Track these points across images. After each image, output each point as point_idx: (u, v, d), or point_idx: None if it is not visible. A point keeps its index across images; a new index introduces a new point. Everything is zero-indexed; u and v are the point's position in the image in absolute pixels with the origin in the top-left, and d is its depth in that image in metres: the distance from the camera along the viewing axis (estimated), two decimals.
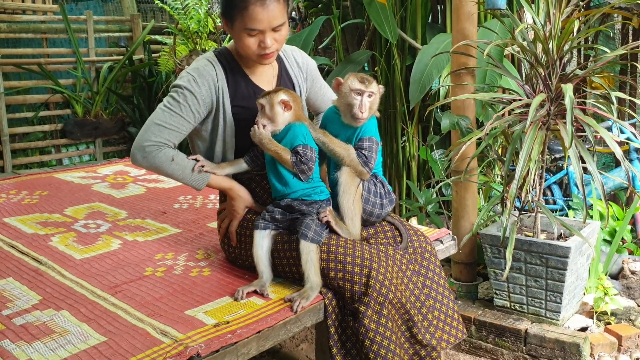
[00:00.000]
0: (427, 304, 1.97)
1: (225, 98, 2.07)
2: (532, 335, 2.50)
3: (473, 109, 2.78)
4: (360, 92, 1.94)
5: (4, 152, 5.18)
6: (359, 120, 1.96)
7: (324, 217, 1.92)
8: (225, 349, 1.58)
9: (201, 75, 2.03)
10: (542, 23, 2.25)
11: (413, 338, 1.87)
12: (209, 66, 2.05)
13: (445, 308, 2.02)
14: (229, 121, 2.08)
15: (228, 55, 2.13)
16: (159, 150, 1.99)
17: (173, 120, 2.00)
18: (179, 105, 2.00)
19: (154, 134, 1.99)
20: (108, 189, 3.46)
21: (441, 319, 2.00)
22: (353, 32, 4.66)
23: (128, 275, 2.09)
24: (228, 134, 2.09)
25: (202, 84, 2.02)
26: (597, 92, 2.26)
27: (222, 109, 2.07)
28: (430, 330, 1.93)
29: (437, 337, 1.94)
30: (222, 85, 2.06)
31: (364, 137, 2.00)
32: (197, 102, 2.01)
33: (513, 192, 2.17)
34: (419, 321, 1.89)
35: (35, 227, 2.68)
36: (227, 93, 2.07)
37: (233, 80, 2.09)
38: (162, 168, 2.01)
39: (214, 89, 2.05)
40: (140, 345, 1.58)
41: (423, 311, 1.94)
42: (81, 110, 5.55)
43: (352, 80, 1.96)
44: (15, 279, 2.10)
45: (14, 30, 5.30)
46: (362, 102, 1.94)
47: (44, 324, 1.74)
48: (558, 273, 2.46)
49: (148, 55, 5.82)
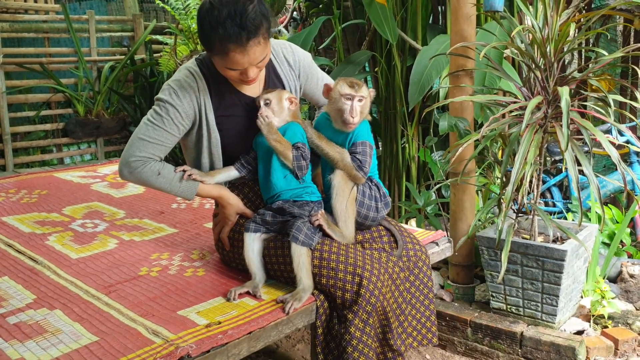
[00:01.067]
0: (407, 311, 1.99)
1: (208, 109, 2.05)
2: (528, 338, 2.49)
3: (471, 111, 2.78)
4: (351, 96, 1.93)
5: (5, 150, 5.20)
6: (350, 125, 1.95)
7: (315, 221, 1.92)
8: (216, 349, 1.58)
9: (182, 87, 2.01)
10: (539, 26, 2.24)
11: (385, 341, 1.90)
12: (189, 77, 2.03)
13: (420, 315, 2.05)
14: (214, 132, 2.06)
15: (210, 63, 2.07)
16: (144, 165, 1.99)
17: (156, 134, 1.99)
18: (161, 119, 1.99)
19: (139, 149, 1.99)
20: (107, 189, 3.46)
21: (414, 325, 2.03)
22: (354, 33, 4.66)
23: (123, 275, 2.09)
24: (213, 144, 2.08)
25: (184, 97, 2.00)
26: (595, 95, 2.25)
27: (205, 120, 2.05)
28: (402, 337, 1.96)
29: (406, 344, 1.98)
30: (204, 97, 2.04)
31: (356, 141, 2.00)
32: (179, 115, 2.00)
33: (508, 194, 2.16)
34: (395, 328, 1.91)
35: (33, 227, 2.69)
36: (210, 104, 2.05)
37: (216, 90, 2.07)
38: (149, 182, 2.02)
39: (196, 101, 2.03)
40: (131, 345, 1.59)
41: (401, 318, 1.96)
42: (83, 109, 5.56)
43: (342, 85, 1.96)
44: (10, 278, 2.10)
45: (16, 30, 5.31)
46: (352, 107, 1.93)
47: (37, 323, 1.74)
48: (554, 276, 2.45)
49: (150, 55, 5.83)
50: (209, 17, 1.85)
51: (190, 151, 2.13)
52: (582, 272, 2.67)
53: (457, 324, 2.71)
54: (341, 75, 3.80)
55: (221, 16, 1.82)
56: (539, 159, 2.45)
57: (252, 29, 1.83)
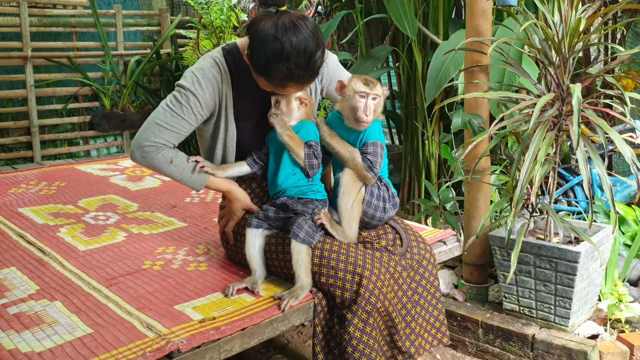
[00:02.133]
0: (413, 311, 1.95)
1: (229, 102, 2.03)
2: (539, 341, 2.43)
3: (486, 108, 2.71)
4: (365, 94, 1.90)
5: (33, 142, 5.30)
6: (363, 124, 1.92)
7: (317, 219, 1.89)
8: (207, 345, 1.57)
9: (205, 77, 1.98)
10: (554, 21, 2.17)
11: (393, 343, 1.86)
12: (214, 68, 2.00)
13: (428, 316, 2.00)
14: (231, 125, 2.05)
15: (237, 54, 2.05)
16: (158, 151, 1.97)
17: (174, 121, 1.96)
18: (180, 106, 1.96)
19: (154, 134, 1.96)
20: (125, 182, 3.50)
21: (423, 326, 1.98)
22: (377, 27, 4.61)
23: (126, 268, 2.11)
24: (229, 137, 2.07)
25: (206, 87, 1.97)
26: (612, 93, 2.18)
27: (224, 112, 2.04)
28: (411, 338, 1.92)
29: (416, 345, 1.93)
30: (226, 90, 2.02)
31: (368, 141, 1.97)
32: (199, 105, 1.98)
33: (517, 194, 2.10)
34: (402, 328, 1.87)
35: (47, 218, 2.73)
36: (231, 97, 2.03)
37: (239, 84, 2.04)
38: (160, 169, 2.00)
39: (217, 93, 2.00)
40: (124, 339, 1.59)
41: (407, 319, 1.92)
42: (109, 102, 5.64)
43: (356, 82, 1.92)
44: (18, 269, 2.14)
45: (44, 24, 5.40)
46: (366, 105, 1.90)
47: (35, 314, 1.76)
48: (567, 278, 2.38)
49: (175, 49, 5.87)
50: (272, 49, 1.81)
51: (205, 141, 2.12)
52: (598, 275, 2.60)
53: (468, 325, 2.66)
54: (361, 70, 3.77)
55: (287, 53, 1.80)
56: (554, 158, 2.38)
57: (315, 74, 1.89)
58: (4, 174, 3.69)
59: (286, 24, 1.81)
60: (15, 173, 3.75)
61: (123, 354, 1.51)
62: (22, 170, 3.86)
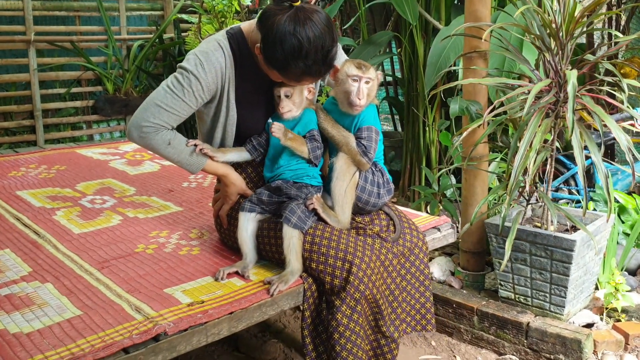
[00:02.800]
0: (400, 297, 1.95)
1: (231, 87, 2.01)
2: (534, 329, 2.42)
3: (485, 94, 2.69)
4: (358, 78, 1.89)
5: (36, 126, 5.31)
6: (357, 107, 1.91)
7: (310, 205, 1.89)
8: (194, 328, 1.58)
9: (209, 60, 1.95)
10: (552, 7, 2.15)
11: (377, 328, 1.87)
12: (218, 51, 1.97)
13: (414, 302, 2.01)
14: (232, 110, 2.04)
15: (241, 38, 2.02)
16: (157, 132, 1.94)
17: (174, 103, 1.94)
18: (182, 88, 1.93)
19: (153, 115, 1.93)
20: (124, 166, 3.50)
21: (407, 310, 1.99)
22: (381, 12, 4.57)
23: (119, 251, 2.11)
24: (230, 122, 2.05)
25: (209, 71, 1.95)
26: (610, 79, 2.15)
27: (226, 96, 2.02)
28: (396, 323, 1.92)
29: (400, 330, 1.94)
30: (229, 74, 2.00)
31: (362, 126, 1.96)
32: (201, 88, 1.95)
33: (512, 181, 2.09)
34: (387, 314, 1.87)
35: (44, 201, 2.73)
36: (234, 81, 2.02)
37: (242, 68, 2.02)
38: (157, 150, 1.98)
39: (220, 77, 1.98)
40: (112, 321, 1.60)
41: (394, 305, 1.92)
42: (112, 87, 5.63)
43: (349, 66, 1.91)
44: (12, 251, 2.15)
45: (47, 8, 5.39)
46: (359, 89, 1.89)
47: (26, 296, 1.77)
48: (563, 266, 2.37)
49: (178, 34, 5.85)
50: (290, 46, 1.80)
51: (204, 123, 2.11)
52: (595, 264, 2.58)
53: (464, 312, 2.66)
54: (361, 56, 3.74)
55: (305, 50, 1.80)
56: (551, 145, 2.36)
57: (330, 67, 1.90)
58: (6, 157, 3.70)
59: (302, 19, 1.79)
60: (16, 156, 3.76)
61: (110, 335, 1.52)
62: (24, 153, 3.87)
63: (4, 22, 5.27)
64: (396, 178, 4.47)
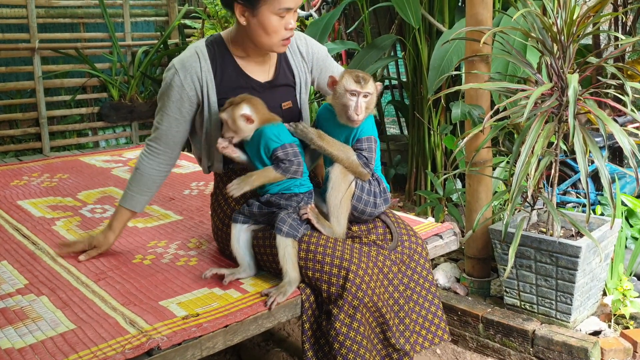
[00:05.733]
0: (406, 307, 1.90)
1: (211, 90, 2.01)
2: (540, 336, 2.38)
3: (487, 98, 2.65)
4: (356, 93, 1.84)
5: (42, 134, 5.32)
6: (355, 122, 1.87)
7: (304, 215, 1.86)
8: (188, 342, 1.55)
9: (184, 68, 1.98)
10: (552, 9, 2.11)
11: (387, 341, 1.81)
12: (193, 57, 2.00)
13: (425, 312, 1.95)
14: (215, 114, 2.02)
15: (220, 44, 2.04)
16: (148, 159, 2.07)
17: (162, 118, 2.03)
18: (164, 102, 2.02)
19: (150, 138, 2.08)
20: (126, 174, 3.49)
21: (419, 322, 1.93)
22: (385, 15, 4.54)
23: (116, 262, 2.09)
24: (213, 127, 2.03)
25: (185, 78, 1.98)
26: (614, 82, 2.11)
27: (207, 101, 2.02)
28: (406, 334, 1.87)
29: (411, 342, 1.88)
30: (206, 78, 2.00)
31: (362, 137, 1.92)
32: (179, 97, 2.00)
33: (514, 187, 2.05)
34: (394, 325, 1.82)
35: (45, 211, 2.72)
36: (213, 84, 2.01)
37: (221, 72, 2.02)
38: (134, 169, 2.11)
39: (197, 82, 1.99)
40: (105, 335, 1.57)
41: (400, 315, 1.87)
42: (117, 93, 5.64)
43: (347, 79, 1.86)
44: (9, 262, 2.13)
45: (51, 16, 5.40)
46: (357, 104, 1.84)
47: (21, 309, 1.75)
48: (568, 273, 2.32)
49: (182, 39, 5.85)
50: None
51: (195, 135, 2.12)
52: (602, 269, 2.53)
53: (468, 319, 2.62)
54: (365, 59, 3.71)
55: None
56: (555, 149, 2.32)
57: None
58: (9, 166, 3.70)
59: None
60: (20, 165, 3.76)
61: (102, 350, 1.50)
62: (27, 162, 3.86)
63: (9, 30, 5.28)
64: (402, 182, 4.43)
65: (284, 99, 2.10)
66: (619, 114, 3.29)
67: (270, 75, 2.10)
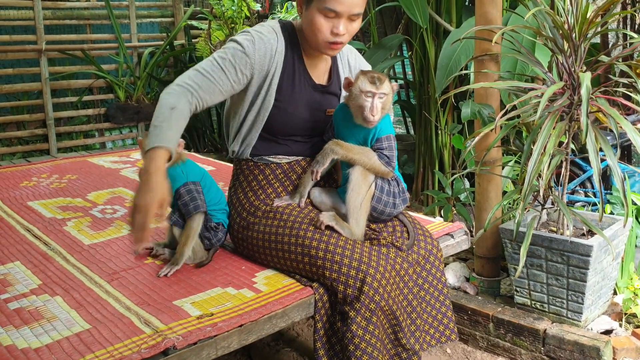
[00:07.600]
0: (419, 308, 1.90)
1: (277, 72, 1.96)
2: (551, 336, 2.38)
3: (497, 97, 2.65)
4: (372, 94, 1.85)
5: (49, 135, 5.34)
6: (371, 123, 1.87)
7: (320, 224, 1.86)
8: (204, 342, 1.55)
9: (262, 39, 1.93)
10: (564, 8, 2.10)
11: (397, 341, 1.81)
12: (272, 34, 1.96)
13: (435, 312, 1.95)
14: (271, 95, 1.97)
15: (292, 31, 2.01)
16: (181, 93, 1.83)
17: (213, 70, 1.87)
18: (225, 58, 1.88)
19: (189, 77, 1.88)
20: (135, 174, 3.49)
21: (429, 322, 1.94)
22: (391, 15, 4.54)
23: (129, 263, 2.09)
24: (264, 107, 1.98)
25: (259, 48, 1.92)
26: (625, 81, 2.10)
27: (269, 80, 1.96)
28: (416, 334, 1.87)
29: (420, 341, 1.88)
30: (277, 59, 1.96)
31: (381, 136, 1.93)
32: (244, 63, 1.90)
33: (526, 186, 2.05)
34: (406, 326, 1.82)
35: (55, 212, 2.73)
36: (280, 68, 1.96)
37: (290, 59, 1.99)
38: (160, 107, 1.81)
39: (269, 58, 1.94)
40: (120, 335, 1.58)
41: (413, 316, 1.87)
42: (123, 94, 5.66)
43: (363, 80, 1.86)
44: (22, 263, 2.13)
45: (58, 17, 5.43)
46: (373, 105, 1.84)
47: (35, 310, 1.75)
48: (580, 272, 2.32)
49: (188, 40, 5.86)
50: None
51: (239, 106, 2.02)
52: (613, 268, 2.53)
53: (479, 319, 2.61)
54: (372, 59, 3.71)
55: None
56: (566, 148, 2.31)
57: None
58: (18, 167, 3.71)
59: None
60: (28, 166, 3.77)
61: (118, 350, 1.50)
62: (36, 163, 3.87)
63: (15, 31, 5.31)
64: (409, 182, 4.43)
65: (330, 105, 2.08)
66: (628, 112, 3.28)
67: (325, 79, 2.09)
